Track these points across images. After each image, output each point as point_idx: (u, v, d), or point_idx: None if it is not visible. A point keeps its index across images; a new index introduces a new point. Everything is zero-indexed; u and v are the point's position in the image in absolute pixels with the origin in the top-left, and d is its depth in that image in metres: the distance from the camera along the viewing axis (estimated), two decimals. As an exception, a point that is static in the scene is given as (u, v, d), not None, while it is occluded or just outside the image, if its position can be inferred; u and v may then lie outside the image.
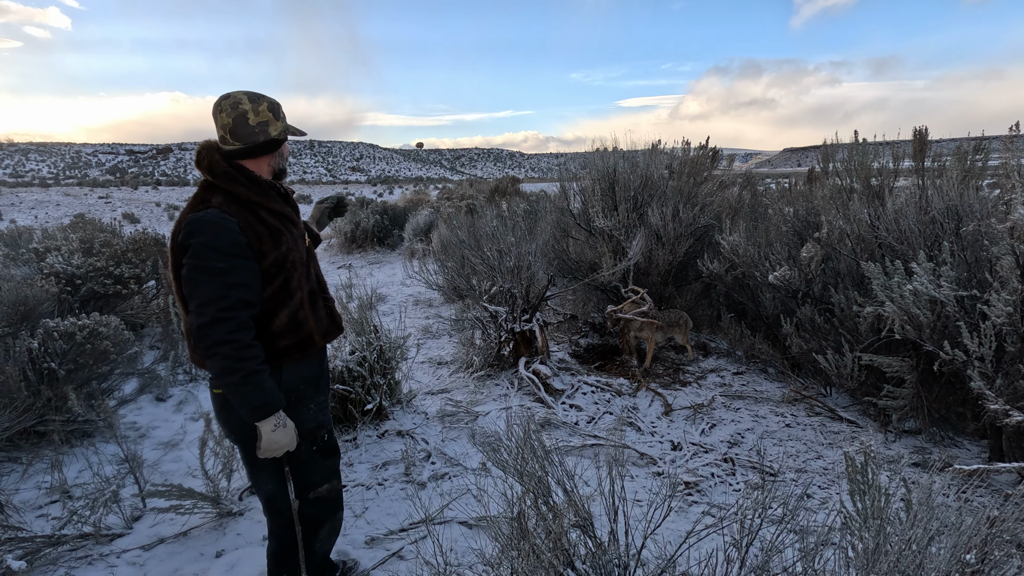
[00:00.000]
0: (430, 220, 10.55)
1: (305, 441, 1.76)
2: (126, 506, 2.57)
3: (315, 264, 1.89)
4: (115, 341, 3.32)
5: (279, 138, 1.70)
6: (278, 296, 1.67)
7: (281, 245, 1.66)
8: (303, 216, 1.90)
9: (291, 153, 1.88)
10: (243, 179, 1.63)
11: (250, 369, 1.52)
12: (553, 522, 1.70)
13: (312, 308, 1.78)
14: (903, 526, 1.30)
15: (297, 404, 1.74)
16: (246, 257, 1.57)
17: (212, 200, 1.59)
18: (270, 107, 1.66)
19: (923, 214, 3.20)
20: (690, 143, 5.50)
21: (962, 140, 3.65)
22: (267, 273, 1.63)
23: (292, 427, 1.65)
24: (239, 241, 1.55)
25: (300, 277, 1.73)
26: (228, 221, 1.55)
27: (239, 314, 1.53)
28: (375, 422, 3.35)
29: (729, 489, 2.74)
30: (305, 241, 1.83)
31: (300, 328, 1.73)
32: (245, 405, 1.55)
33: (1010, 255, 2.38)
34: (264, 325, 1.66)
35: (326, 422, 1.85)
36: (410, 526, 2.46)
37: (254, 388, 1.54)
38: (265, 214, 1.65)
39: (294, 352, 1.71)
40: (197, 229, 1.52)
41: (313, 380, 1.81)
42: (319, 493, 1.82)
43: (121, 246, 4.73)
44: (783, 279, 3.82)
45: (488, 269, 4.19)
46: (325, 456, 1.84)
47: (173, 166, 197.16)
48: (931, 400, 3.08)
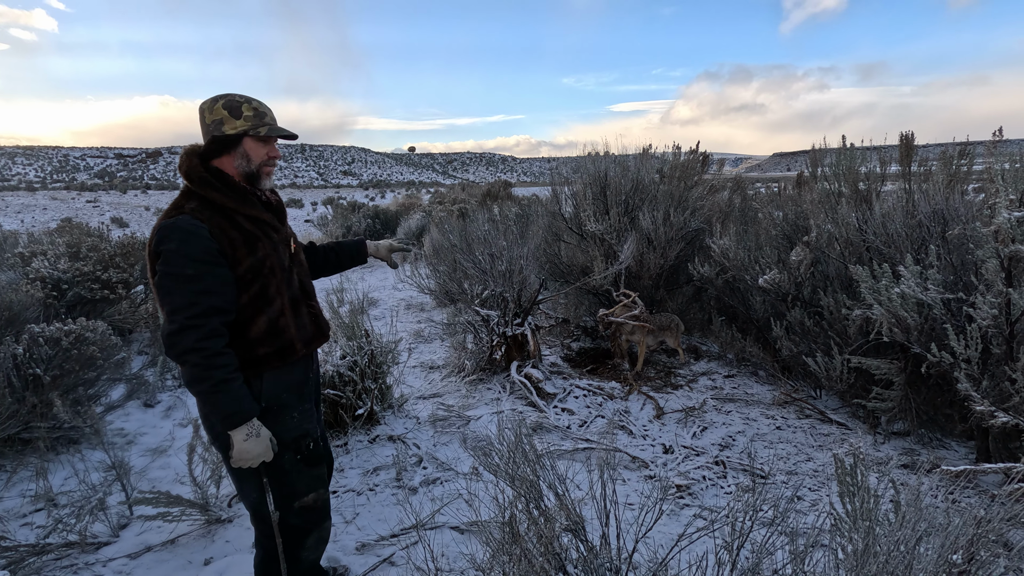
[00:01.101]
0: (422, 224, 10.54)
1: (288, 450, 1.72)
2: (112, 514, 2.53)
3: (302, 270, 1.86)
4: (102, 346, 3.28)
5: (233, 136, 1.62)
6: (255, 303, 1.65)
7: (257, 251, 1.63)
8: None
9: (283, 157, 1.82)
10: (219, 184, 1.61)
11: (220, 377, 1.51)
12: (544, 526, 1.69)
13: (294, 315, 1.75)
14: (892, 527, 1.31)
15: (279, 412, 1.71)
16: (217, 264, 1.55)
17: (186, 206, 1.57)
18: (227, 104, 1.62)
19: (910, 218, 3.24)
20: (680, 148, 5.54)
21: (948, 145, 3.70)
22: (242, 280, 1.61)
23: (267, 436, 1.62)
24: (210, 247, 1.53)
25: (279, 284, 1.70)
26: (199, 227, 1.53)
27: (209, 321, 1.51)
28: (366, 427, 3.33)
29: (720, 492, 2.75)
30: (290, 247, 1.80)
31: (280, 335, 1.70)
32: (216, 413, 1.54)
33: (995, 258, 2.41)
34: (241, 332, 1.63)
35: (311, 430, 1.80)
36: (401, 532, 2.45)
37: (224, 396, 1.52)
38: (242, 220, 1.63)
39: (273, 360, 1.69)
40: (167, 236, 1.51)
41: (296, 388, 1.78)
42: (304, 502, 1.77)
43: (109, 250, 4.68)
44: (773, 282, 3.85)
45: (480, 273, 4.19)
46: (310, 465, 1.79)
47: (163, 170, 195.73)
48: (919, 402, 3.11)
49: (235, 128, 1.63)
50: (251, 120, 1.65)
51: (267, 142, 1.70)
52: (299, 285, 1.81)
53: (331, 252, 2.22)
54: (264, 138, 1.69)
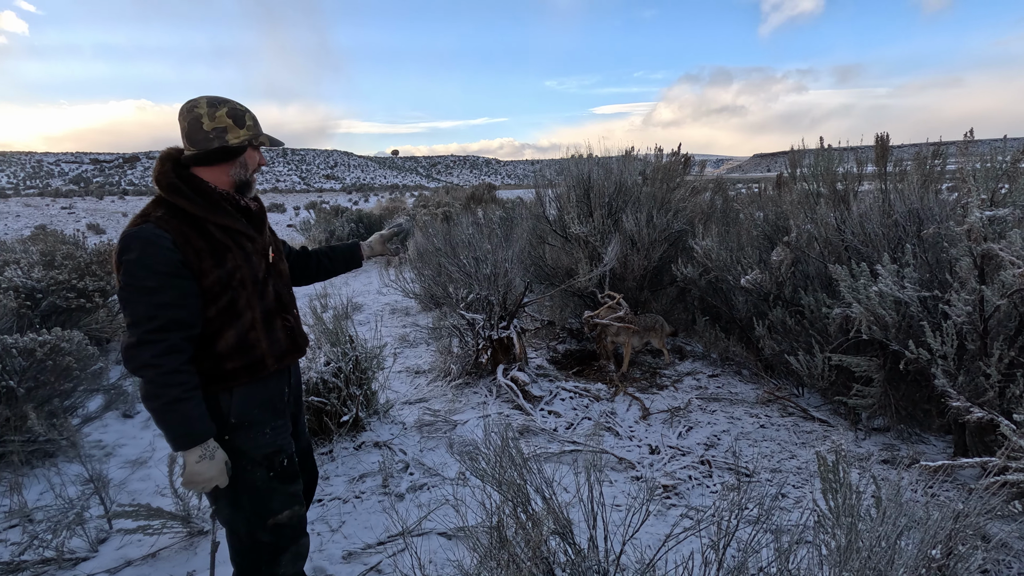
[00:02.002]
0: (406, 228, 10.48)
1: (261, 467, 1.65)
2: (91, 528, 2.48)
3: (280, 280, 1.79)
4: (78, 357, 3.20)
5: (237, 146, 1.59)
6: (223, 316, 1.58)
7: (225, 262, 1.56)
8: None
9: (266, 162, 1.76)
10: (189, 191, 1.54)
11: (173, 396, 1.45)
12: (532, 530, 1.69)
13: (266, 329, 1.68)
14: (873, 523, 1.33)
15: (251, 428, 1.64)
16: (180, 275, 1.48)
17: (152, 214, 1.51)
18: (231, 113, 1.57)
19: (886, 217, 3.30)
20: (663, 150, 5.59)
21: (922, 146, 3.78)
22: (209, 292, 1.54)
23: (222, 459, 1.55)
24: (171, 259, 1.46)
25: (251, 296, 1.64)
26: (161, 237, 1.46)
27: (168, 336, 1.45)
28: (351, 434, 3.29)
29: (706, 491, 2.77)
30: (268, 256, 1.73)
31: (250, 350, 1.63)
32: (167, 432, 1.48)
33: (968, 256, 2.47)
34: (208, 346, 1.57)
35: (285, 446, 1.72)
36: (388, 539, 2.43)
37: (176, 416, 1.46)
38: (212, 228, 1.56)
39: (242, 375, 1.62)
40: (128, 246, 1.46)
41: (269, 404, 1.70)
42: (279, 520, 1.69)
43: (85, 258, 4.58)
44: (755, 282, 3.90)
45: (465, 277, 4.18)
46: (285, 482, 1.71)
47: (141, 175, 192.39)
48: (898, 398, 3.16)
49: (239, 138, 1.59)
50: (252, 129, 1.63)
51: (258, 150, 1.68)
52: (274, 297, 1.74)
53: (324, 257, 2.17)
54: (258, 146, 1.67)
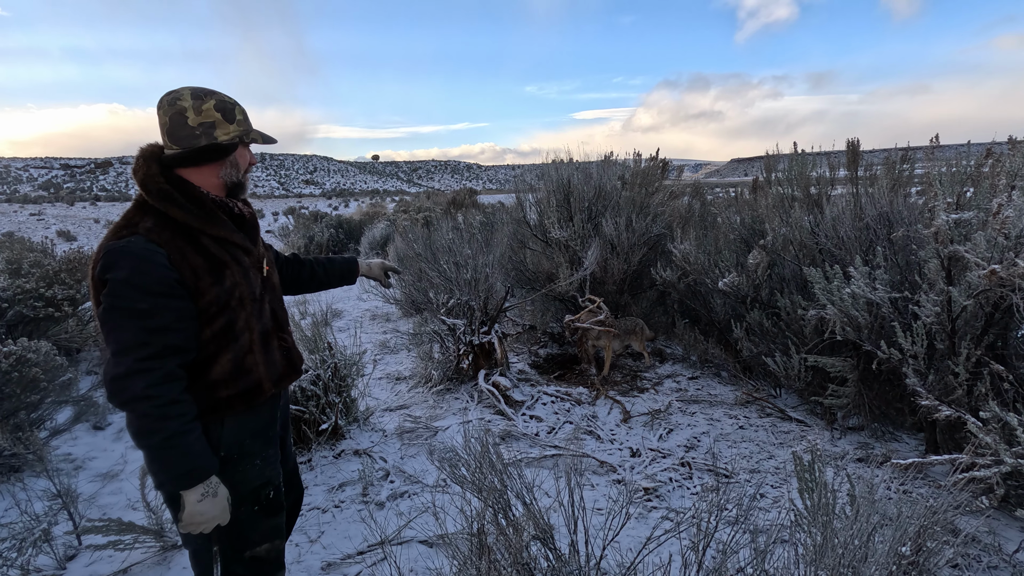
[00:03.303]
0: (386, 233, 10.42)
1: (247, 502, 1.52)
2: (59, 545, 2.40)
3: (275, 296, 1.65)
4: (46, 368, 3.11)
5: (227, 144, 1.43)
6: (219, 339, 1.44)
7: (224, 280, 1.42)
8: (264, 228, 1.65)
9: None
10: (182, 199, 1.38)
11: (173, 430, 1.30)
12: (513, 536, 1.68)
13: (264, 351, 1.54)
14: (848, 521, 1.35)
15: (240, 460, 1.51)
16: (176, 296, 1.33)
17: (140, 224, 1.34)
18: (219, 106, 1.41)
19: (858, 221, 3.38)
20: (641, 155, 5.65)
21: (891, 151, 3.89)
22: (205, 313, 1.40)
23: (224, 496, 1.41)
24: (167, 277, 1.31)
25: (249, 316, 1.49)
26: (155, 253, 1.31)
27: (164, 364, 1.30)
28: (331, 442, 3.25)
29: (687, 493, 2.79)
30: (263, 270, 1.59)
31: (247, 375, 1.49)
32: (166, 471, 1.32)
33: (936, 258, 2.54)
34: (201, 373, 1.43)
35: (273, 477, 1.60)
36: (368, 548, 2.39)
37: (178, 453, 1.31)
38: (208, 242, 1.41)
39: (237, 404, 1.48)
40: (115, 262, 1.28)
41: (262, 433, 1.57)
42: (257, 553, 1.57)
43: (54, 266, 4.45)
44: (732, 285, 3.95)
45: (445, 282, 4.16)
46: (269, 515, 1.59)
47: (113, 181, 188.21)
48: (872, 397, 3.23)
49: (229, 134, 1.43)
50: (243, 124, 1.47)
51: (248, 147, 1.53)
52: (271, 315, 1.60)
53: (320, 268, 2.04)
54: (249, 143, 1.52)
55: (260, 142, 1.53)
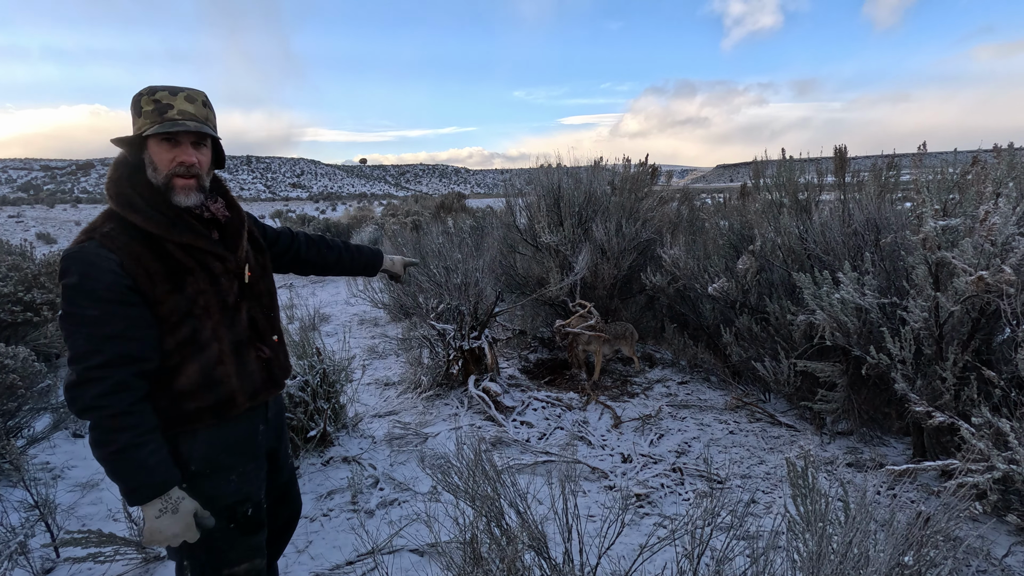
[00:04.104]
0: (375, 237, 10.36)
1: (222, 519, 1.46)
2: (36, 558, 2.32)
3: (258, 304, 1.57)
4: (23, 374, 3.02)
5: (129, 140, 1.36)
6: (183, 349, 1.37)
7: (184, 287, 1.36)
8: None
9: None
10: (143, 204, 1.32)
11: (124, 442, 1.25)
12: (507, 546, 1.65)
13: (237, 362, 1.47)
14: (843, 529, 1.35)
15: (214, 475, 1.45)
16: (128, 303, 1.28)
17: (98, 230, 1.30)
18: (135, 99, 1.34)
19: (846, 227, 3.41)
20: (630, 160, 5.66)
21: (876, 158, 3.94)
22: (166, 321, 1.34)
23: (188, 512, 1.35)
24: (117, 284, 1.26)
25: (218, 325, 1.42)
26: (105, 258, 1.26)
27: (115, 373, 1.25)
28: (319, 449, 3.19)
29: (679, 499, 2.78)
30: (243, 277, 1.51)
31: (217, 387, 1.42)
32: (120, 484, 1.28)
33: (923, 265, 2.56)
34: (167, 383, 1.37)
35: (252, 494, 1.53)
36: (357, 558, 2.35)
37: (128, 465, 1.26)
38: (171, 248, 1.35)
39: (206, 417, 1.42)
40: (68, 267, 1.25)
41: (238, 447, 1.51)
42: (235, 572, 1.51)
43: (32, 269, 4.35)
44: (721, 290, 3.96)
45: (435, 286, 4.12)
46: (247, 533, 1.53)
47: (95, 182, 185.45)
48: (860, 402, 3.25)
49: (137, 128, 1.33)
50: (151, 116, 1.32)
51: (176, 143, 1.36)
52: (248, 324, 1.52)
53: (346, 253, 2.01)
54: (169, 138, 1.35)
55: (164, 132, 1.32)
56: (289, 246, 1.91)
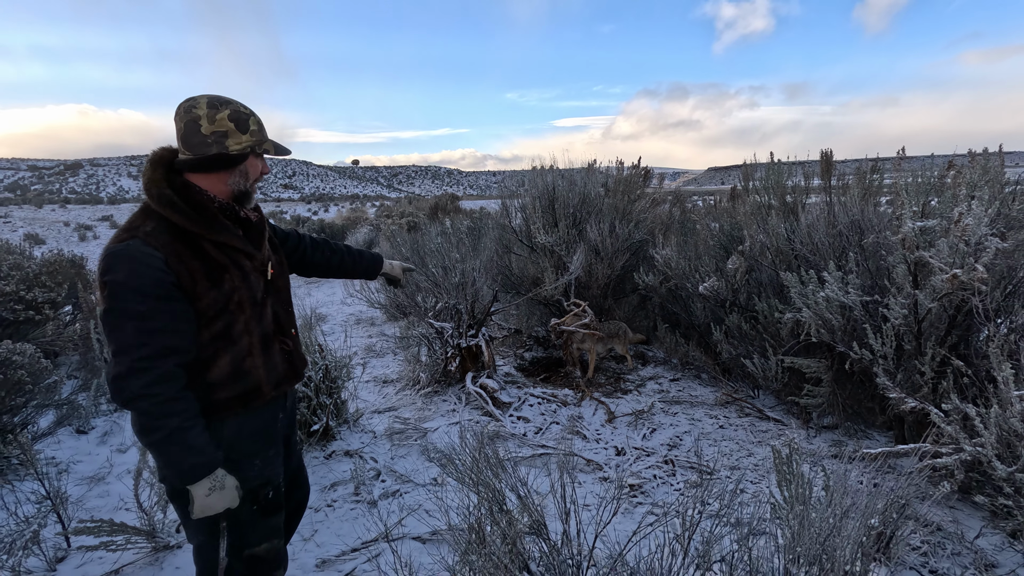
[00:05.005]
0: (370, 238, 10.42)
1: (246, 501, 1.55)
2: (48, 547, 2.39)
3: (279, 299, 1.67)
4: (31, 371, 3.08)
5: (237, 153, 1.46)
6: (218, 341, 1.47)
7: (222, 284, 1.45)
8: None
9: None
10: (183, 204, 1.41)
11: (175, 426, 1.33)
12: (508, 528, 1.75)
13: (264, 355, 1.57)
14: (823, 505, 1.46)
15: (240, 461, 1.54)
16: (172, 298, 1.36)
17: (140, 228, 1.38)
18: (233, 116, 1.44)
19: (831, 228, 3.54)
20: (623, 162, 5.78)
21: (862, 161, 4.07)
22: (204, 315, 1.43)
23: (233, 485, 1.46)
24: (163, 280, 1.34)
25: (249, 320, 1.52)
26: (151, 256, 1.34)
27: (161, 364, 1.33)
28: (322, 443, 3.28)
29: (671, 489, 2.89)
30: (266, 274, 1.61)
31: (245, 378, 1.52)
32: (170, 467, 1.36)
33: (903, 264, 2.69)
34: (200, 374, 1.46)
35: (273, 478, 1.63)
36: (362, 545, 2.44)
37: (180, 448, 1.35)
38: (208, 246, 1.44)
39: (235, 406, 1.51)
40: (113, 265, 1.32)
41: (262, 434, 1.61)
42: (256, 552, 1.60)
43: (34, 269, 4.39)
44: (712, 290, 4.08)
45: (433, 286, 4.21)
46: (267, 515, 1.62)
47: (84, 183, 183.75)
48: (845, 397, 3.38)
49: (240, 144, 1.46)
50: (256, 135, 1.49)
51: (261, 157, 1.55)
52: (272, 319, 1.62)
53: (348, 256, 2.10)
54: (260, 154, 1.54)
55: (272, 153, 1.56)
56: (296, 247, 2.00)
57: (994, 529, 2.34)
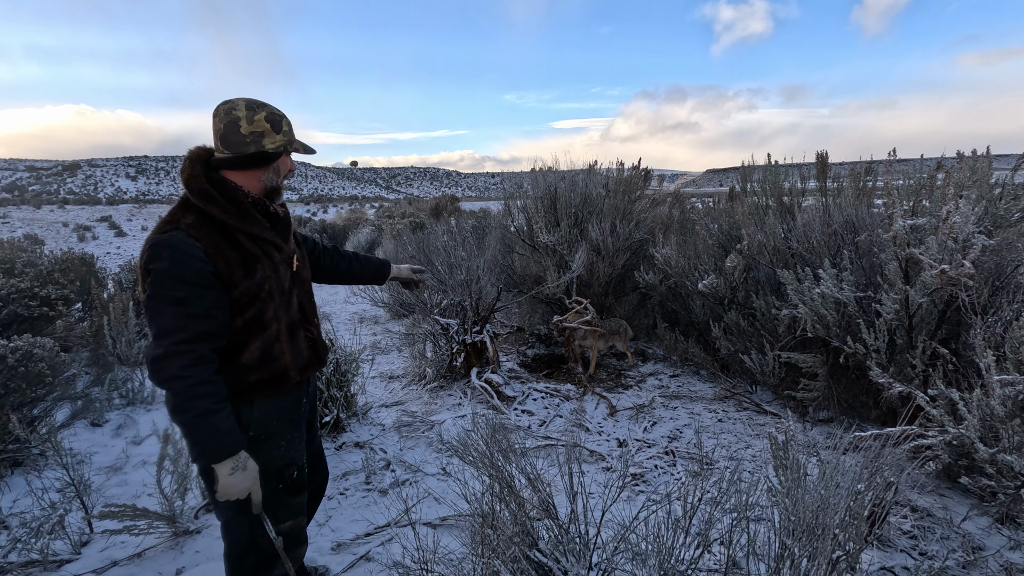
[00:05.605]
0: (372, 238, 10.51)
1: (272, 479, 1.65)
2: (73, 531, 2.48)
3: (303, 290, 1.79)
4: (50, 364, 3.17)
5: (273, 152, 1.58)
6: (250, 328, 1.57)
7: (255, 273, 1.55)
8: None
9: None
10: (221, 199, 1.51)
11: (204, 408, 1.43)
12: (518, 510, 1.85)
13: (291, 340, 1.67)
14: (816, 484, 1.56)
15: (267, 441, 1.64)
16: (211, 286, 1.46)
17: (182, 220, 1.48)
18: (269, 118, 1.55)
19: (826, 227, 3.65)
20: (624, 164, 5.89)
21: (857, 163, 4.19)
22: (237, 303, 1.53)
23: (254, 469, 1.54)
24: (203, 269, 1.44)
25: (277, 307, 1.62)
26: (192, 246, 1.44)
27: (198, 348, 1.43)
28: (332, 435, 3.37)
29: (671, 478, 2.99)
30: (292, 265, 1.71)
31: (274, 362, 1.63)
32: (198, 445, 1.46)
33: (894, 261, 2.80)
34: (232, 358, 1.56)
35: (297, 458, 1.73)
36: (375, 530, 2.53)
37: (207, 428, 1.44)
38: (242, 238, 1.54)
39: (265, 388, 1.61)
40: (158, 254, 1.42)
41: (287, 416, 1.70)
42: (280, 530, 1.70)
43: (46, 266, 4.48)
44: (711, 287, 4.19)
45: (438, 283, 4.31)
46: (292, 494, 1.72)
47: (82, 183, 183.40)
48: (840, 391, 3.48)
49: (275, 143, 1.57)
50: (288, 135, 1.62)
51: (290, 156, 1.68)
52: (298, 308, 1.73)
53: (356, 263, 2.19)
54: (290, 152, 1.67)
55: (301, 152, 1.68)
56: (312, 251, 2.12)
57: (981, 514, 2.45)
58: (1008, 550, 2.22)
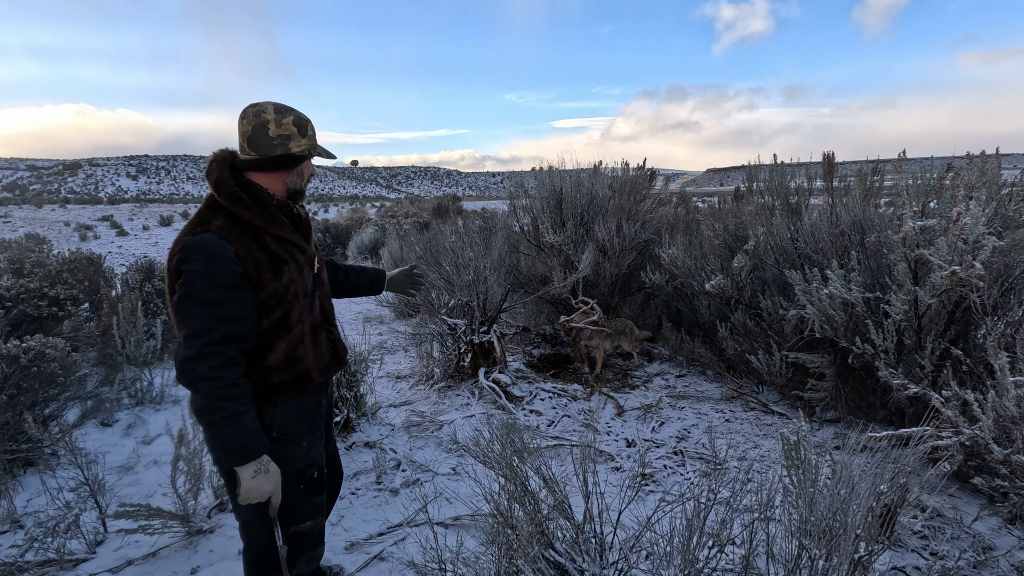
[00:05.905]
0: (375, 238, 10.52)
1: (293, 480, 1.66)
2: (88, 531, 2.49)
3: (324, 291, 1.80)
4: (62, 363, 3.18)
5: (299, 155, 1.60)
6: (276, 329, 1.58)
7: (282, 276, 1.57)
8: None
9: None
10: (249, 200, 1.53)
11: (232, 410, 1.43)
12: (533, 509, 1.86)
13: (313, 342, 1.69)
14: (832, 482, 1.57)
15: (289, 442, 1.65)
16: (241, 288, 1.47)
17: (212, 223, 1.49)
18: (296, 121, 1.57)
19: (834, 228, 3.66)
20: (629, 164, 5.90)
21: (862, 163, 4.20)
22: (264, 305, 1.54)
23: (276, 473, 1.55)
24: (234, 271, 1.46)
25: (302, 309, 1.64)
26: (224, 248, 1.45)
27: (227, 349, 1.44)
28: (343, 434, 3.39)
29: (681, 478, 3.00)
30: (313, 267, 1.73)
31: (298, 363, 1.64)
32: (223, 447, 1.46)
33: (903, 261, 2.80)
34: (258, 359, 1.57)
35: (318, 459, 1.75)
36: (388, 530, 2.55)
37: (234, 430, 1.45)
38: (269, 240, 1.56)
39: (288, 389, 1.62)
40: (190, 255, 1.43)
41: (309, 417, 1.72)
42: (300, 529, 1.73)
43: (55, 266, 4.50)
44: (718, 287, 4.20)
45: (446, 283, 4.33)
46: (312, 494, 1.74)
47: (83, 183, 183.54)
48: (847, 391, 3.49)
49: (300, 147, 1.59)
50: (312, 139, 1.64)
51: (311, 159, 1.70)
52: (320, 309, 1.75)
53: (353, 274, 2.18)
54: (312, 156, 1.69)
55: (324, 156, 1.70)
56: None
57: (992, 514, 2.46)
58: (1019, 550, 2.23)
